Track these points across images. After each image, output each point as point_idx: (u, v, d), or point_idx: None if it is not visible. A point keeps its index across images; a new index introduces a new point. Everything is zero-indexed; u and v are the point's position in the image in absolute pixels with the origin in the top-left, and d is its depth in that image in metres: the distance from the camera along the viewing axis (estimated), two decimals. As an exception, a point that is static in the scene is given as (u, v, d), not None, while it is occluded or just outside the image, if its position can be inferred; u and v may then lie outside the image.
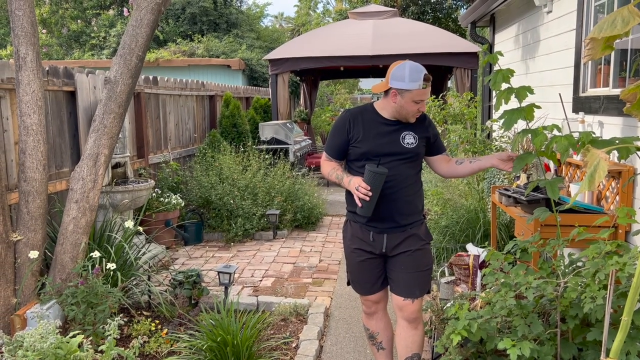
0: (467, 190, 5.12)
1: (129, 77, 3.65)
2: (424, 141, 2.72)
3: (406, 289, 2.66)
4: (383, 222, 2.65)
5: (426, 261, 2.72)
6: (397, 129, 2.66)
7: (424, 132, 2.73)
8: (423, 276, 2.69)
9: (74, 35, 16.64)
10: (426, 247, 2.73)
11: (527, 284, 2.26)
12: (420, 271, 2.68)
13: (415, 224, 2.70)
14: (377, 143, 2.63)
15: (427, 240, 2.75)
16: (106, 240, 3.91)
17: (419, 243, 2.69)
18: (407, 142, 2.65)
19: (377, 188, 2.48)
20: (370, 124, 2.67)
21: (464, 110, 4.95)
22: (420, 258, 2.68)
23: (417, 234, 2.69)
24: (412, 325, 2.70)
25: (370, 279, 2.76)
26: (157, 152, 6.64)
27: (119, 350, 2.48)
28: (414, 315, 2.69)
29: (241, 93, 10.49)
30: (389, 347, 2.89)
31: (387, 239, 2.66)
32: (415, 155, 2.67)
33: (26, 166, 3.49)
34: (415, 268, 2.67)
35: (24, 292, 3.45)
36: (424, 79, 2.57)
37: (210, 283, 4.53)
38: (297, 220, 6.62)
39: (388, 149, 2.62)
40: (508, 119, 2.35)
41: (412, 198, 2.69)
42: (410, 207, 2.68)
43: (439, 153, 2.83)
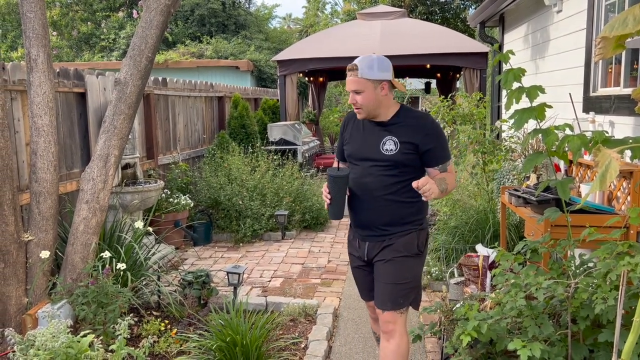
0: (477, 191, 5.10)
1: (139, 79, 3.67)
2: (408, 147, 2.44)
3: (378, 299, 2.54)
4: (364, 230, 2.59)
5: (401, 274, 2.50)
6: (380, 132, 2.50)
7: (410, 137, 2.44)
8: (396, 289, 2.50)
9: (84, 38, 16.77)
10: (404, 260, 2.51)
11: (537, 284, 2.24)
12: (393, 284, 2.50)
13: (397, 234, 2.52)
14: (357, 146, 2.56)
15: (407, 253, 2.52)
16: (116, 240, 3.93)
17: (395, 254, 2.51)
18: (386, 148, 2.47)
19: (338, 192, 2.45)
20: (358, 127, 2.60)
21: (473, 110, 4.93)
22: (394, 270, 2.51)
23: (396, 245, 2.51)
24: (385, 336, 2.54)
25: (365, 285, 2.71)
26: (167, 153, 6.67)
27: (129, 350, 2.49)
28: (386, 327, 2.52)
29: (250, 94, 10.52)
30: None
31: (367, 247, 2.59)
32: (394, 163, 2.45)
33: (37, 167, 3.52)
34: (387, 279, 2.51)
35: (35, 292, 3.48)
36: (347, 68, 2.46)
37: (220, 283, 4.54)
38: (306, 220, 6.62)
39: (366, 154, 2.51)
40: (519, 119, 2.33)
41: (393, 208, 2.50)
42: (390, 216, 2.51)
43: (428, 166, 2.53)
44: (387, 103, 2.51)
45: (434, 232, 5.02)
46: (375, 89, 2.44)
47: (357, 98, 2.45)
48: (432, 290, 4.40)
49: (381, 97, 2.46)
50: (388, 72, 2.47)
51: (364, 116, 2.51)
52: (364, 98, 2.44)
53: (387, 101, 2.50)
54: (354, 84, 2.44)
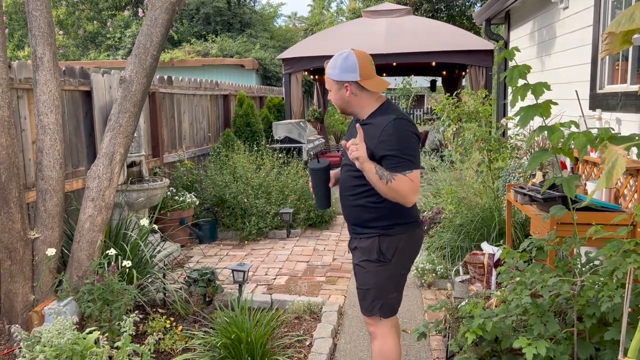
0: (482, 189, 5.08)
1: (144, 77, 3.68)
2: (367, 151, 2.26)
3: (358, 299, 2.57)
4: (348, 224, 2.59)
5: (363, 279, 2.48)
6: (355, 133, 2.39)
7: (369, 139, 2.28)
8: (360, 294, 2.51)
9: (89, 36, 16.83)
10: (366, 265, 2.45)
11: (543, 282, 2.23)
12: (358, 288, 2.53)
13: (362, 236, 2.45)
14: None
15: (366, 258, 2.44)
16: (122, 238, 3.95)
17: (359, 258, 2.48)
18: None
19: (317, 183, 2.55)
20: (351, 127, 2.57)
21: (479, 108, 4.91)
22: (357, 274, 2.52)
23: (361, 248, 2.46)
24: (370, 336, 2.58)
25: None
26: (172, 151, 6.69)
27: (134, 347, 2.50)
28: (368, 329, 2.56)
29: (255, 92, 10.52)
30: None
31: (349, 242, 2.59)
32: (354, 166, 2.31)
33: (43, 165, 3.54)
34: (356, 281, 2.55)
35: (41, 289, 3.50)
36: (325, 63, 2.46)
37: (225, 281, 4.55)
38: (311, 219, 6.62)
39: (344, 153, 2.47)
40: (524, 116, 2.32)
41: (357, 209, 2.45)
42: (356, 217, 2.47)
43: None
44: (358, 103, 2.39)
45: (439, 230, 5.01)
46: (339, 90, 2.38)
47: (330, 95, 2.45)
48: (437, 288, 4.39)
49: (346, 97, 2.38)
50: (353, 72, 2.34)
51: (341, 112, 2.49)
52: (332, 96, 2.44)
53: (358, 101, 2.39)
54: (326, 81, 2.46)
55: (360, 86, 2.36)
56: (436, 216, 5.41)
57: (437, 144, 10.19)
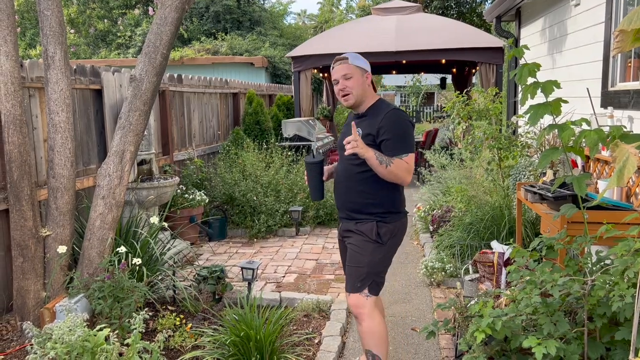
0: (492, 187, 5.05)
1: (154, 75, 3.69)
2: (369, 139, 2.57)
3: (345, 283, 2.74)
4: (339, 211, 2.84)
5: (357, 260, 2.66)
6: (357, 124, 2.65)
7: (371, 129, 2.58)
8: (353, 272, 2.67)
9: (100, 35, 16.94)
10: (363, 244, 2.66)
11: (553, 281, 2.22)
12: (351, 266, 2.69)
13: (362, 221, 2.68)
14: (340, 138, 2.77)
15: (366, 238, 2.66)
16: (132, 235, 3.97)
17: (356, 238, 2.69)
18: None
19: (311, 176, 2.78)
20: (348, 121, 2.83)
21: (489, 105, 4.88)
22: (353, 254, 2.69)
23: (358, 231, 2.68)
24: (356, 319, 2.71)
25: (343, 260, 2.95)
26: (182, 149, 6.72)
27: (144, 344, 2.52)
28: (353, 310, 2.69)
29: (264, 90, 10.54)
30: None
31: (341, 227, 2.85)
32: (355, 154, 2.52)
33: (55, 163, 3.57)
34: (350, 262, 2.71)
35: (53, 286, 3.53)
36: (336, 59, 2.71)
37: (234, 279, 4.56)
38: (320, 217, 6.62)
39: (342, 146, 2.64)
40: (534, 114, 2.31)
41: (355, 196, 2.68)
42: (355, 204, 2.70)
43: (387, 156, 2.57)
44: (369, 95, 2.70)
45: (448, 228, 4.99)
46: (362, 76, 2.67)
47: (347, 83, 2.64)
48: (447, 287, 4.38)
49: (366, 85, 2.68)
50: (369, 67, 2.74)
51: (352, 102, 2.67)
52: (353, 82, 2.64)
53: (369, 93, 2.71)
54: (344, 69, 2.65)
55: (370, 80, 2.75)
56: (446, 214, 5.39)
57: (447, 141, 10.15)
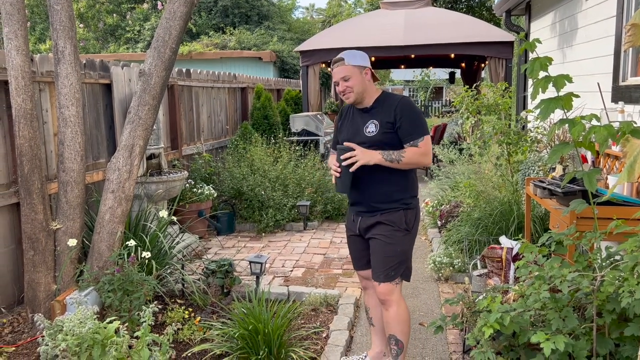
0: (501, 182, 5.03)
1: (163, 70, 3.70)
2: (387, 126, 2.69)
3: (374, 272, 2.81)
4: (357, 206, 2.86)
5: (390, 250, 2.75)
6: (364, 117, 2.76)
7: (387, 117, 2.70)
8: (386, 263, 2.76)
9: (109, 29, 16.99)
10: (394, 234, 2.75)
11: (562, 277, 2.21)
12: (384, 257, 2.76)
13: (387, 211, 2.76)
14: (346, 133, 2.83)
15: (396, 227, 2.76)
16: (141, 229, 4.00)
17: (385, 229, 2.76)
18: (369, 130, 2.73)
19: (341, 165, 2.69)
20: (347, 116, 2.87)
21: (498, 100, 4.85)
22: (383, 246, 2.76)
23: (387, 221, 2.75)
24: (384, 306, 2.83)
25: (356, 255, 2.99)
26: (190, 143, 6.74)
27: (153, 337, 2.54)
28: (382, 297, 2.80)
29: (272, 85, 10.54)
30: (379, 325, 3.03)
31: (360, 222, 2.85)
32: (377, 143, 2.68)
33: (65, 157, 3.60)
34: (378, 254, 2.77)
35: (63, 279, 3.57)
36: (333, 61, 2.76)
37: (242, 273, 4.58)
38: (328, 211, 6.63)
39: (354, 138, 2.75)
40: (545, 108, 2.29)
41: (383, 185, 2.75)
42: (380, 194, 2.76)
43: (403, 142, 2.70)
44: (371, 90, 2.78)
45: (456, 223, 4.98)
46: (360, 74, 2.73)
47: (347, 84, 2.72)
48: (455, 282, 4.37)
49: (366, 82, 2.75)
50: (368, 62, 2.78)
51: (353, 100, 2.76)
52: (352, 82, 2.72)
53: (371, 87, 2.78)
54: (342, 72, 2.73)
55: (372, 73, 2.80)
56: (454, 210, 5.37)
57: (456, 136, 10.10)
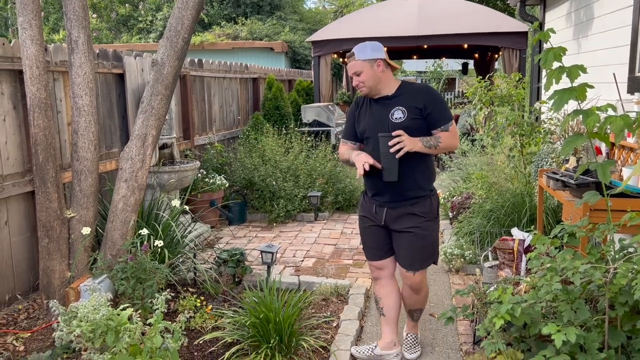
0: (513, 174, 5.00)
1: (175, 59, 3.72)
2: (415, 112, 2.74)
3: (407, 263, 2.89)
4: (381, 197, 2.87)
5: (426, 240, 2.85)
6: (388, 105, 2.79)
7: (415, 103, 2.75)
8: (423, 252, 2.87)
9: (122, 20, 17.04)
10: (427, 225, 2.84)
11: (574, 269, 2.20)
12: (420, 248, 2.85)
13: (416, 200, 2.81)
14: (368, 122, 2.85)
15: (428, 217, 2.84)
16: (154, 218, 4.04)
17: (419, 220, 2.82)
18: (396, 117, 2.76)
19: (385, 152, 2.68)
20: (367, 105, 2.89)
21: (512, 91, 4.80)
22: (419, 237, 2.83)
23: (417, 212, 2.82)
24: (414, 291, 2.98)
25: (374, 245, 2.99)
26: (202, 134, 6.77)
27: (166, 324, 2.57)
28: (416, 286, 2.95)
29: (284, 75, 10.52)
30: (389, 315, 3.04)
31: (386, 212, 2.87)
32: (405, 128, 2.71)
33: (79, 146, 3.63)
34: (414, 246, 2.85)
35: (77, 267, 3.62)
36: (346, 56, 2.82)
37: (253, 262, 4.61)
38: (338, 202, 6.64)
39: (379, 126, 2.78)
40: (558, 99, 2.27)
41: (411, 174, 2.78)
42: (409, 183, 2.79)
43: (432, 128, 2.79)
44: (387, 79, 2.81)
45: (468, 215, 4.96)
46: (372, 68, 2.76)
47: (359, 79, 2.77)
48: (465, 274, 4.37)
49: (379, 73, 2.77)
50: (380, 52, 2.79)
51: (367, 92, 2.81)
52: (364, 77, 2.76)
53: (386, 77, 2.80)
54: (353, 67, 2.78)
55: (387, 63, 2.80)
56: (465, 201, 5.35)
57: (468, 128, 10.03)
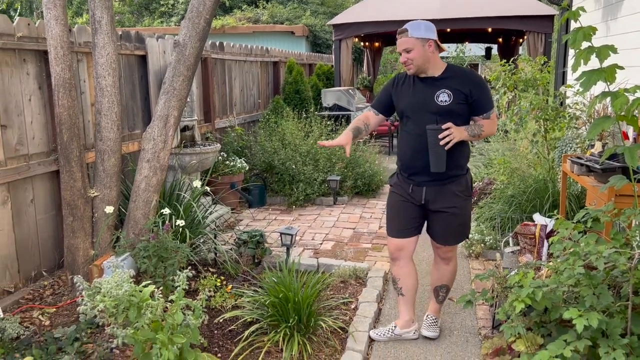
0: (536, 160, 4.92)
1: (197, 40, 3.72)
2: (461, 98, 2.76)
3: (442, 239, 3.00)
4: (419, 176, 2.88)
5: (461, 218, 2.94)
6: (434, 86, 2.80)
7: (462, 88, 2.77)
8: (457, 230, 2.97)
9: (144, 3, 17.12)
10: (463, 204, 2.93)
11: (598, 253, 2.17)
12: (456, 226, 2.95)
13: (453, 179, 2.86)
14: (410, 101, 2.85)
15: (464, 196, 2.92)
16: (175, 199, 4.08)
17: (457, 200, 2.89)
18: (441, 99, 2.77)
19: (434, 144, 2.71)
20: (409, 84, 2.89)
21: (537, 75, 4.70)
22: (456, 217, 2.91)
23: (456, 190, 2.88)
24: (444, 261, 3.08)
25: (401, 221, 2.99)
26: (223, 117, 6.79)
27: (187, 301, 2.61)
28: (447, 255, 3.06)
29: (304, 60, 10.48)
30: (408, 295, 3.08)
31: (425, 191, 2.89)
32: (449, 112, 2.75)
33: (102, 126, 3.68)
34: (451, 225, 2.94)
35: (100, 245, 3.68)
36: (398, 32, 2.81)
37: (273, 244, 4.64)
38: (358, 187, 6.62)
39: (422, 107, 2.80)
40: (586, 80, 2.21)
41: (456, 154, 2.81)
42: (453, 162, 2.82)
43: (475, 114, 2.83)
44: (435, 60, 2.81)
45: (489, 201, 4.91)
46: (423, 46, 2.76)
47: (408, 55, 2.77)
48: (485, 259, 4.34)
49: (429, 53, 2.78)
50: (433, 33, 2.79)
51: (414, 71, 2.81)
52: (414, 54, 2.76)
53: (435, 58, 2.81)
54: (404, 44, 2.78)
55: (437, 45, 2.81)
56: (487, 187, 5.30)
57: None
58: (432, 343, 3.08)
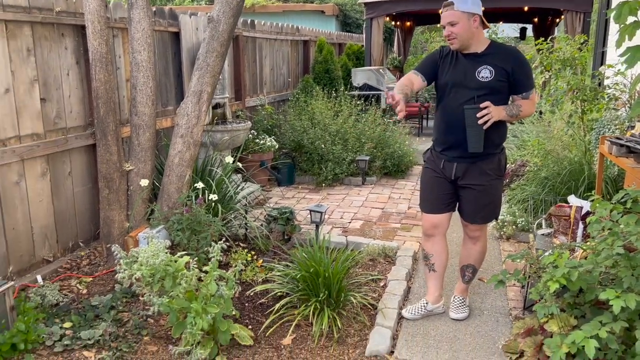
0: (571, 142, 4.81)
1: (231, 16, 3.73)
2: (503, 75, 2.72)
3: (469, 216, 2.99)
4: (452, 151, 2.86)
5: (490, 197, 2.92)
6: (476, 62, 2.75)
7: (504, 65, 2.72)
8: (486, 209, 2.95)
9: (175, -18, 17.15)
10: (492, 183, 2.88)
11: (638, 234, 2.12)
12: (484, 205, 2.92)
13: (485, 156, 2.81)
14: (452, 75, 2.80)
15: (495, 175, 2.88)
16: (208, 174, 4.14)
17: (487, 178, 2.85)
18: (483, 75, 2.73)
19: (472, 124, 2.67)
20: (452, 59, 2.83)
21: (575, 54, 4.57)
22: (484, 195, 2.89)
23: (486, 168, 2.84)
24: (472, 240, 3.07)
25: (435, 197, 2.98)
26: (253, 95, 6.82)
27: (221, 272, 2.66)
28: (475, 234, 3.04)
29: (334, 39, 10.39)
30: (440, 270, 3.11)
31: (456, 167, 2.87)
32: (490, 89, 2.72)
33: (137, 101, 3.73)
34: (479, 203, 2.92)
35: (135, 217, 3.77)
36: (444, 4, 2.74)
37: (302, 222, 4.67)
38: (387, 167, 6.59)
39: (463, 82, 2.76)
40: (631, 56, 2.14)
41: (493, 132, 2.75)
42: (489, 140, 2.76)
43: (514, 93, 2.79)
44: (479, 36, 2.77)
45: (521, 183, 4.84)
46: (468, 21, 2.71)
47: (452, 29, 2.72)
48: (517, 241, 4.29)
49: (473, 29, 2.73)
50: (479, 8, 2.73)
51: (457, 46, 2.76)
52: (458, 28, 2.71)
53: (479, 34, 2.77)
54: (450, 17, 2.72)
55: (482, 21, 2.76)
56: (520, 169, 5.21)
57: (523, 95, 9.67)
58: (462, 322, 3.08)
